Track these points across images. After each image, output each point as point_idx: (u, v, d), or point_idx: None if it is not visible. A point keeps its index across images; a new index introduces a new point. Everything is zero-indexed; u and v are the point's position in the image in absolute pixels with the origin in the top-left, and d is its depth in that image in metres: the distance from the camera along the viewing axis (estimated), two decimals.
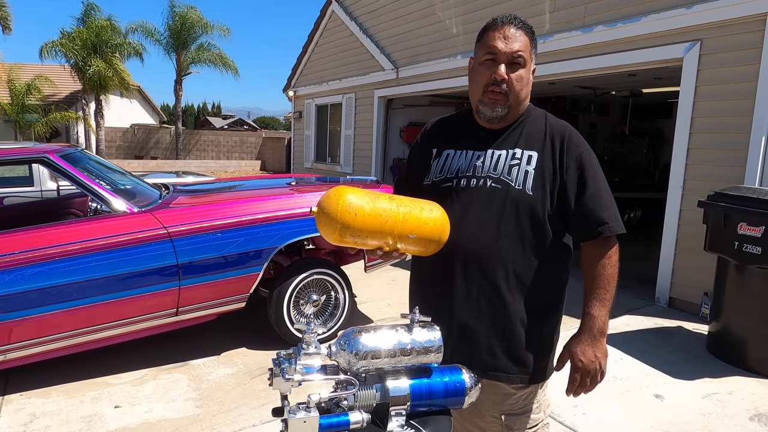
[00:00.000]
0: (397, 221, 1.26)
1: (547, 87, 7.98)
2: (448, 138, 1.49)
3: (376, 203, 1.24)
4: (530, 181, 1.34)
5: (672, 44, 4.62)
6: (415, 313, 1.34)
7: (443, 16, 7.50)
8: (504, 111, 1.37)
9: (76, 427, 2.68)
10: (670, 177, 4.64)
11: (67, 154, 3.29)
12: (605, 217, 1.33)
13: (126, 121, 24.02)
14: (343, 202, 1.21)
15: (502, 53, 1.33)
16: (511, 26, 1.34)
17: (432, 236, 1.32)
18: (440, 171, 1.44)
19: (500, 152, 1.39)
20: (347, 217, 1.21)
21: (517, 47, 1.33)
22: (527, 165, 1.35)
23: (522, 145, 1.38)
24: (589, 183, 1.34)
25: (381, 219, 1.24)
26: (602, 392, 3.06)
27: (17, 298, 2.80)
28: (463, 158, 1.42)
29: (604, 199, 1.34)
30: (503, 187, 1.35)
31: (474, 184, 1.37)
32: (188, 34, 21.11)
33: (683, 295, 4.54)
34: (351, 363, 1.27)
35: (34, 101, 18.18)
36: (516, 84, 1.34)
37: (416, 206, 1.31)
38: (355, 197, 1.23)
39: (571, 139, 1.37)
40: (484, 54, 1.36)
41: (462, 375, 1.38)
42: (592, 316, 1.36)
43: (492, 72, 1.34)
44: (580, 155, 1.36)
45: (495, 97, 1.35)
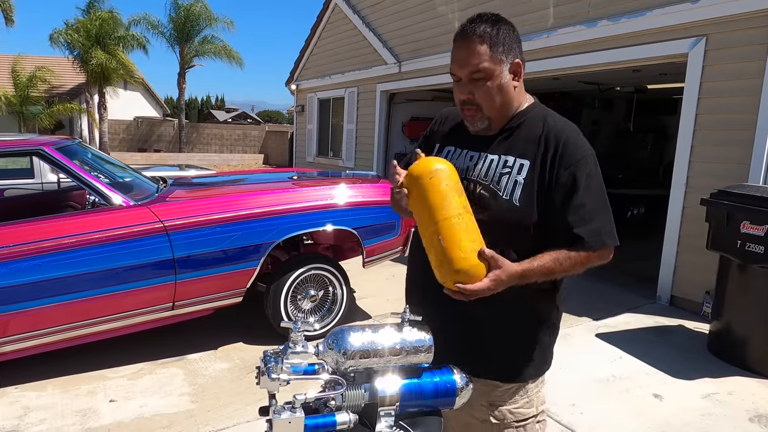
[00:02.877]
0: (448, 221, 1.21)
1: (551, 82, 7.91)
2: (451, 134, 1.47)
3: (453, 192, 1.22)
4: (518, 192, 1.29)
5: (677, 39, 4.55)
6: (406, 312, 1.31)
7: (446, 9, 7.43)
8: (484, 124, 1.35)
9: (71, 420, 2.67)
10: (673, 174, 4.58)
11: (64, 146, 3.27)
12: (581, 232, 1.25)
13: (129, 113, 24.02)
14: (434, 166, 1.24)
15: (460, 76, 1.31)
16: (464, 42, 1.29)
17: (448, 259, 1.21)
18: None
19: (493, 157, 1.35)
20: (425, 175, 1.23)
21: (474, 63, 1.27)
22: (518, 174, 1.30)
23: (515, 152, 1.33)
24: (577, 194, 1.26)
25: (441, 203, 1.21)
26: (601, 391, 3.04)
27: (12, 291, 2.79)
28: (462, 158, 1.40)
29: (588, 211, 1.26)
30: (491, 195, 1.31)
31: (465, 187, 1.32)
32: (192, 27, 21.06)
33: (685, 293, 4.50)
34: (339, 362, 1.25)
35: (37, 93, 18.19)
36: (484, 98, 1.31)
37: (471, 230, 1.23)
38: (446, 171, 1.24)
39: (567, 146, 1.28)
40: (450, 74, 1.35)
41: (453, 375, 1.35)
42: (531, 263, 1.24)
43: (458, 91, 1.34)
44: (576, 163, 1.27)
45: (469, 114, 1.35)
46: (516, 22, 5.31)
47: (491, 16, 1.32)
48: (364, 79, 9.63)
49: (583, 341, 3.77)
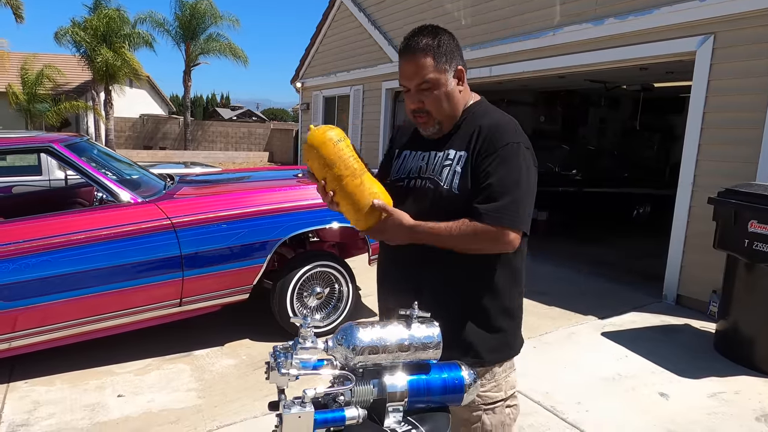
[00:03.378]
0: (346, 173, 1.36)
1: (557, 80, 7.89)
2: (406, 139, 1.58)
3: (345, 149, 1.37)
4: (457, 181, 1.39)
5: (685, 37, 4.53)
6: (414, 308, 1.32)
7: (452, 7, 7.42)
8: (435, 128, 1.45)
9: (80, 415, 2.70)
10: (680, 173, 4.57)
11: (72, 143, 3.29)
12: (481, 207, 1.33)
13: (135, 111, 24.11)
14: (329, 131, 1.38)
15: (409, 87, 1.41)
16: (409, 55, 1.38)
17: (365, 204, 1.37)
18: (397, 171, 1.54)
19: (439, 153, 1.46)
20: (324, 141, 1.36)
21: (421, 75, 1.38)
22: (456, 165, 1.40)
23: (456, 145, 1.43)
24: (489, 175, 1.34)
25: (341, 158, 1.35)
26: (607, 389, 3.04)
27: (22, 287, 2.82)
28: (417, 159, 1.51)
29: (494, 190, 1.33)
30: (434, 186, 1.42)
31: (419, 185, 1.46)
32: (198, 25, 21.11)
33: (691, 292, 4.48)
34: (348, 358, 1.26)
35: (44, 91, 18.28)
36: (433, 106, 1.41)
37: (367, 179, 1.39)
38: (336, 134, 1.38)
39: (493, 135, 1.37)
40: (401, 86, 1.45)
41: (461, 372, 1.36)
42: (424, 222, 1.36)
43: (408, 101, 1.44)
44: (497, 150, 1.35)
45: (421, 120, 1.45)
46: (522, 20, 5.34)
47: (431, 28, 1.41)
48: (369, 77, 9.63)
49: (588, 340, 3.77)
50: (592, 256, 6.27)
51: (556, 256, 6.22)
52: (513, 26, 6.39)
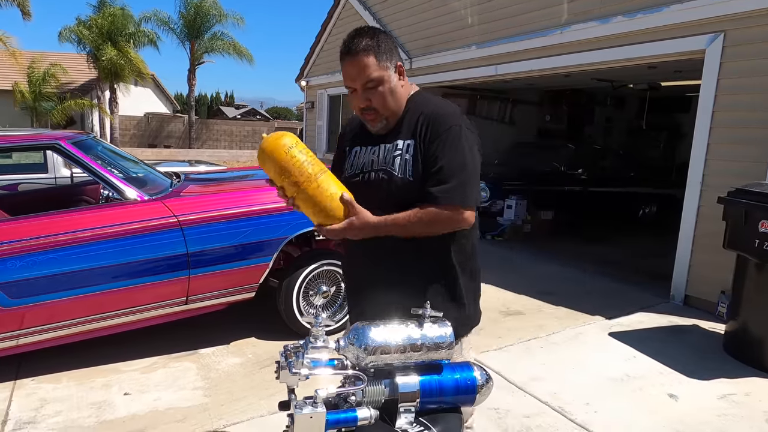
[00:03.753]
0: (304, 177, 1.39)
1: (563, 79, 7.85)
2: (355, 136, 1.63)
3: (299, 155, 1.39)
4: (409, 168, 1.46)
5: (694, 36, 4.49)
6: (426, 308, 1.31)
7: (458, 5, 7.39)
8: (382, 123, 1.51)
9: (86, 413, 2.69)
10: (689, 172, 4.53)
11: (79, 141, 3.29)
12: (433, 190, 1.41)
13: (140, 109, 24.16)
14: (281, 138, 1.40)
15: (355, 87, 1.47)
16: (351, 56, 1.44)
17: (328, 206, 1.42)
18: (350, 167, 1.59)
19: (388, 145, 1.52)
20: (277, 148, 1.38)
21: (365, 76, 1.44)
22: (406, 153, 1.47)
23: (403, 135, 1.50)
24: (437, 159, 1.42)
25: (295, 165, 1.38)
26: (615, 390, 3.02)
27: (29, 284, 2.81)
28: (368, 154, 1.56)
29: (443, 173, 1.41)
30: (388, 176, 1.48)
31: (372, 177, 1.52)
32: (202, 23, 21.13)
33: (699, 293, 4.45)
34: (360, 358, 1.24)
35: (50, 89, 18.33)
36: (379, 102, 1.47)
37: (324, 180, 1.42)
38: (289, 140, 1.40)
39: (436, 120, 1.45)
40: (346, 87, 1.50)
41: (473, 372, 1.34)
42: (386, 217, 1.42)
43: (356, 101, 1.49)
44: (442, 133, 1.43)
45: (370, 117, 1.51)
46: (529, 18, 5.31)
47: (369, 29, 1.48)
48: None
49: (596, 340, 3.74)
50: (598, 256, 6.23)
51: (562, 256, 6.18)
52: (519, 24, 6.35)
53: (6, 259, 2.76)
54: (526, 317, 4.19)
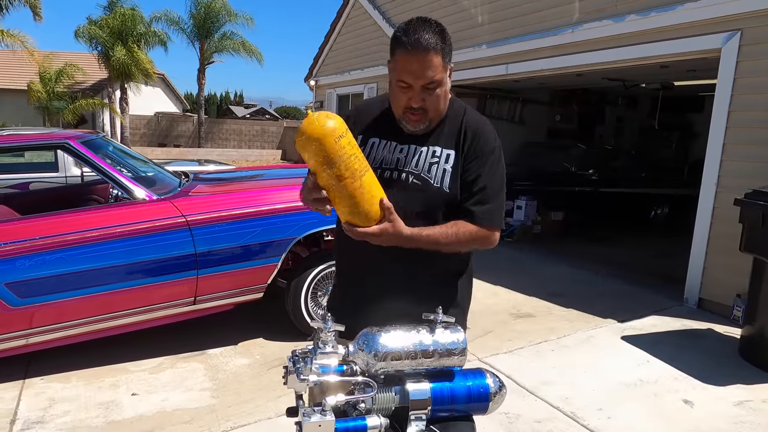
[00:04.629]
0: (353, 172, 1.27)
1: (574, 78, 7.75)
2: (372, 126, 1.51)
3: (348, 146, 1.26)
4: (448, 179, 1.41)
5: (710, 34, 4.41)
6: (438, 313, 1.27)
7: (468, 4, 7.33)
8: (425, 125, 1.42)
9: (94, 413, 2.69)
10: (704, 173, 4.45)
11: (89, 140, 3.29)
12: (475, 209, 1.40)
13: (150, 109, 24.30)
14: (331, 122, 1.25)
15: (413, 85, 1.35)
16: (421, 52, 1.31)
17: (367, 208, 1.31)
18: (366, 159, 1.46)
19: (422, 149, 1.44)
20: (326, 135, 1.23)
21: (430, 75, 1.33)
22: (445, 164, 1.42)
23: (442, 143, 1.44)
24: (480, 178, 1.41)
25: (342, 158, 1.25)
26: (628, 395, 2.96)
27: (37, 284, 2.82)
28: (388, 149, 1.46)
29: (486, 193, 1.41)
30: (423, 183, 1.41)
31: (396, 177, 1.43)
32: (212, 23, 21.19)
33: (714, 296, 4.37)
34: (369, 364, 1.21)
35: (61, 88, 18.49)
36: (433, 105, 1.39)
37: (367, 180, 1.31)
38: (340, 126, 1.26)
39: (480, 138, 1.43)
40: (398, 81, 1.36)
41: (486, 379, 1.30)
42: (421, 231, 1.36)
43: (408, 98, 1.37)
44: (485, 154, 1.43)
45: (415, 118, 1.40)
46: (540, 17, 5.25)
47: (436, 24, 1.37)
48: (383, 75, 9.57)
49: (608, 344, 3.68)
50: (609, 257, 6.16)
51: (573, 257, 6.11)
52: (531, 23, 6.29)
53: (15, 258, 2.76)
54: (537, 319, 4.14)
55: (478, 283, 5.08)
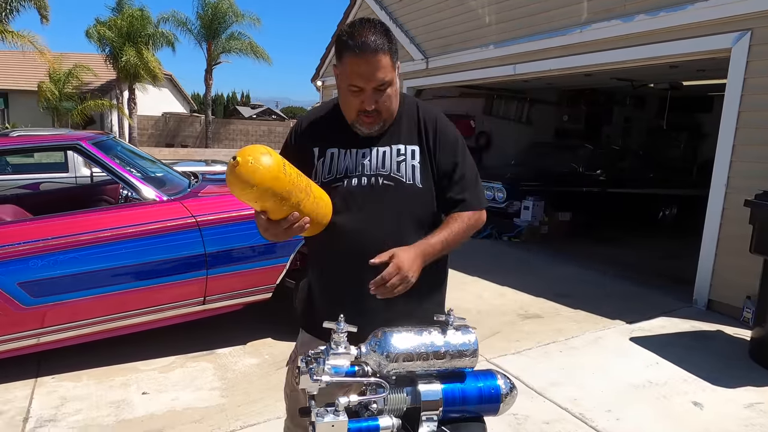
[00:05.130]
0: (305, 189, 1.28)
1: (582, 78, 7.74)
2: (326, 135, 1.48)
3: (290, 170, 1.24)
4: (418, 175, 1.43)
5: (720, 34, 4.38)
6: (450, 315, 1.28)
7: (475, 4, 7.32)
8: (380, 126, 1.42)
9: (105, 411, 2.71)
10: (713, 174, 4.42)
11: (99, 141, 3.32)
12: (466, 196, 1.46)
13: (158, 109, 24.44)
14: (272, 159, 1.18)
15: (367, 86, 1.33)
16: (369, 54, 1.30)
17: (326, 214, 1.37)
18: (329, 171, 1.45)
19: (384, 149, 1.43)
20: (272, 174, 1.17)
21: (380, 77, 1.32)
22: (412, 160, 1.43)
23: (403, 140, 1.45)
24: (458, 168, 1.46)
25: (294, 184, 1.24)
26: (637, 397, 2.95)
27: (49, 283, 2.85)
28: (349, 157, 1.44)
29: (468, 181, 1.47)
30: (396, 183, 1.42)
31: (365, 183, 1.41)
32: (219, 24, 21.28)
33: (723, 297, 4.34)
34: (381, 365, 1.22)
35: (70, 89, 18.64)
36: (386, 104, 1.38)
37: (314, 188, 1.34)
38: (276, 156, 1.21)
39: (443, 128, 1.47)
40: (349, 85, 1.34)
41: (497, 380, 1.31)
42: (427, 241, 1.39)
43: (361, 101, 1.35)
44: (454, 140, 1.48)
45: (369, 120, 1.39)
46: (548, 17, 5.23)
47: (380, 24, 1.35)
48: None
49: (616, 345, 3.67)
50: (617, 258, 6.13)
51: (580, 258, 6.10)
52: (539, 23, 6.27)
53: (27, 258, 2.79)
54: (545, 320, 4.13)
55: (485, 283, 5.11)
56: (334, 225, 1.41)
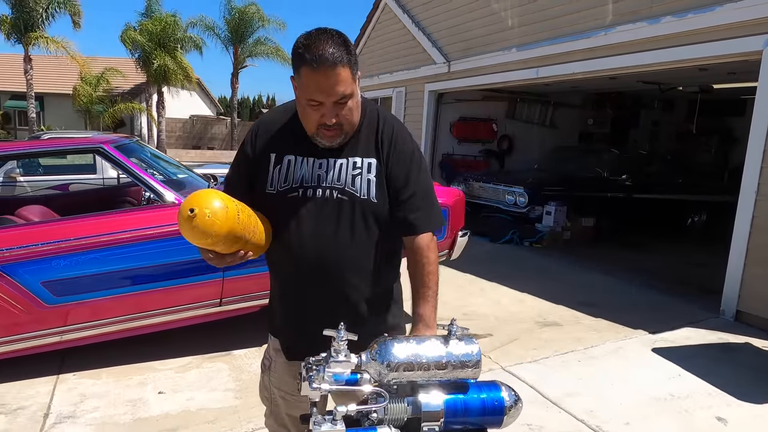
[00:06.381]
0: (250, 223, 1.30)
1: (608, 82, 7.59)
2: (284, 141, 1.43)
3: (241, 214, 1.27)
4: (374, 189, 1.39)
5: (750, 36, 4.24)
6: (453, 324, 1.26)
7: (498, 7, 7.26)
8: (341, 139, 1.37)
9: (122, 410, 2.77)
10: (743, 181, 4.27)
11: (122, 144, 3.40)
12: (413, 219, 1.41)
13: (186, 112, 24.97)
14: (224, 206, 1.21)
15: (327, 100, 1.28)
16: (328, 68, 1.24)
17: (267, 242, 1.40)
18: (285, 179, 1.41)
19: (341, 161, 1.39)
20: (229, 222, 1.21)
21: (340, 91, 1.27)
22: (368, 173, 1.39)
23: (360, 153, 1.40)
24: (409, 185, 1.41)
25: (244, 225, 1.27)
26: (658, 410, 2.86)
27: (72, 283, 2.92)
28: (306, 166, 1.40)
29: (419, 198, 1.41)
30: (349, 198, 1.38)
31: (321, 195, 1.39)
32: (246, 28, 21.65)
33: (752, 308, 4.18)
34: (382, 374, 1.20)
35: (100, 92, 19.20)
36: (348, 119, 1.34)
37: (251, 212, 1.34)
38: (230, 203, 1.24)
39: (400, 141, 1.42)
40: (308, 99, 1.29)
41: (501, 392, 1.28)
42: (420, 315, 1.39)
43: (321, 115, 1.30)
44: (410, 153, 1.43)
45: (330, 134, 1.34)
46: (572, 19, 5.14)
47: (338, 34, 1.28)
48: (412, 79, 9.57)
49: (637, 355, 3.57)
50: (643, 265, 5.98)
51: (604, 264, 5.97)
52: (562, 26, 6.18)
53: (51, 258, 2.87)
54: (564, 329, 4.05)
55: (504, 289, 5.04)
56: (290, 237, 1.40)
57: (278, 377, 1.62)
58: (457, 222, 3.91)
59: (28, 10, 16.97)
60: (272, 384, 1.65)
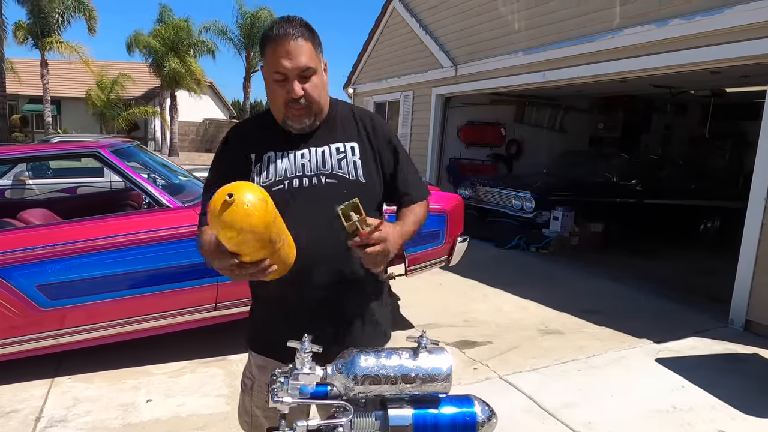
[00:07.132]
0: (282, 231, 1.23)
1: (618, 85, 7.48)
2: (261, 140, 1.44)
3: (274, 208, 1.17)
4: (360, 170, 1.42)
5: (761, 39, 4.13)
6: (423, 337, 1.21)
7: (505, 11, 7.21)
8: (311, 120, 1.40)
9: (113, 414, 2.76)
10: (752, 187, 4.16)
11: (120, 148, 3.41)
12: (412, 192, 1.51)
13: (198, 115, 25.22)
14: (261, 199, 1.10)
15: (291, 72, 1.32)
16: (290, 39, 1.31)
17: (293, 260, 1.30)
18: (267, 175, 1.40)
19: (323, 148, 1.42)
20: (268, 218, 1.11)
21: (304, 61, 1.32)
22: (353, 156, 1.43)
23: (341, 138, 1.45)
24: (400, 164, 1.50)
25: (279, 224, 1.20)
26: (658, 423, 2.78)
27: (66, 287, 2.92)
28: (287, 159, 1.41)
29: (411, 174, 1.53)
30: (339, 180, 1.40)
31: (308, 183, 1.39)
32: (258, 33, 21.81)
33: (762, 318, 4.06)
34: (348, 387, 1.16)
35: (114, 97, 19.48)
36: (314, 93, 1.36)
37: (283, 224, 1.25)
38: (264, 196, 1.12)
39: (379, 125, 1.50)
40: (274, 74, 1.34)
41: (474, 407, 1.23)
42: (403, 223, 1.45)
43: (287, 90, 1.34)
44: (390, 139, 1.50)
45: (298, 113, 1.37)
46: (579, 22, 5.07)
47: (300, 19, 1.37)
48: (419, 83, 9.54)
49: (640, 365, 3.48)
50: (652, 272, 5.86)
51: (612, 270, 5.86)
52: (569, 29, 6.11)
53: (45, 262, 2.88)
54: (566, 337, 3.97)
55: (508, 296, 4.97)
56: None
57: (261, 397, 1.57)
58: (455, 227, 3.86)
59: (45, 15, 17.29)
60: (254, 404, 1.60)
